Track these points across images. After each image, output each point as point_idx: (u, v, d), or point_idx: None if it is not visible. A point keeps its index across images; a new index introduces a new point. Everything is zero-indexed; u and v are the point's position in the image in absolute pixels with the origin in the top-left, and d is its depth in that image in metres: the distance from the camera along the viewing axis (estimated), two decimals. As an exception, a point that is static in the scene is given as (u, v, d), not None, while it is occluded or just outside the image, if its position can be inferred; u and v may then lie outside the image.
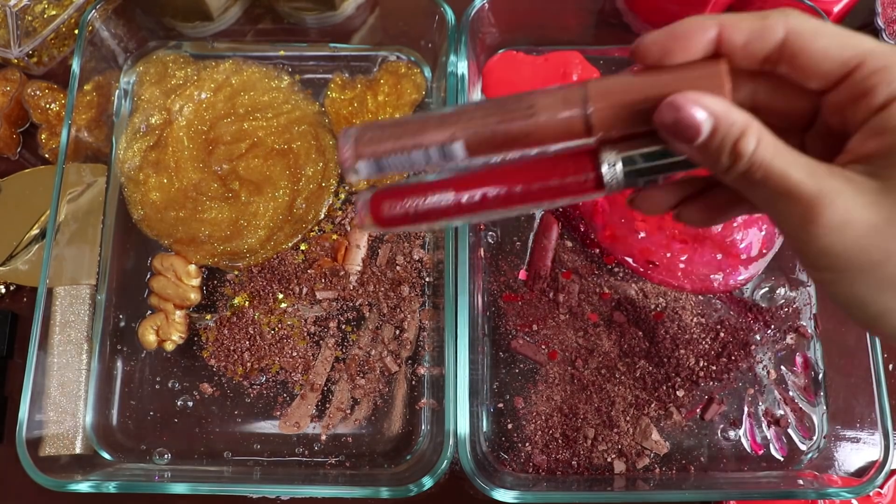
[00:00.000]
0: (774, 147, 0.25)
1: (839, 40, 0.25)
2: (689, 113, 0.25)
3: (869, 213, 0.24)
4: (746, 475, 0.50)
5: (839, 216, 0.24)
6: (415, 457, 0.50)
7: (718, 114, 0.25)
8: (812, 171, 0.25)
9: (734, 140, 0.25)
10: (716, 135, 0.25)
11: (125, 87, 0.59)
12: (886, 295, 0.24)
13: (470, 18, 0.54)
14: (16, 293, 0.56)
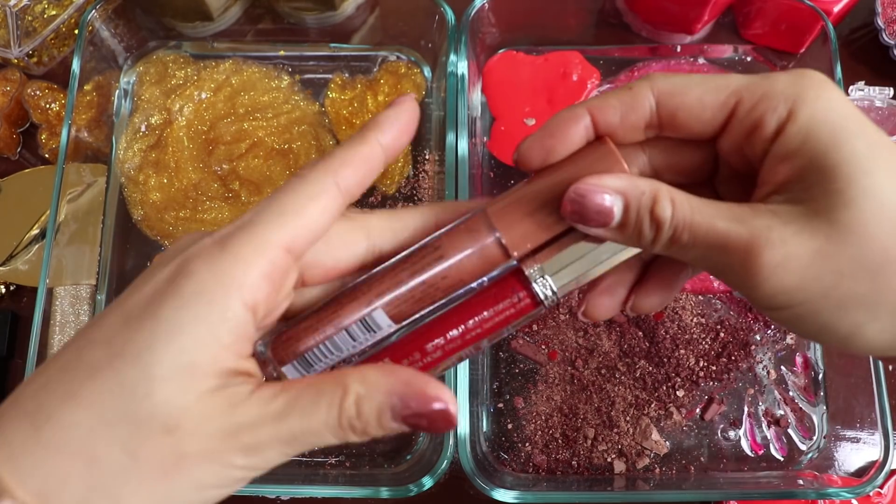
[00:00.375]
0: (690, 204, 0.24)
1: (710, 85, 0.25)
2: (594, 200, 0.24)
3: (805, 240, 0.23)
4: (746, 475, 0.50)
5: (779, 252, 0.23)
6: (415, 457, 0.50)
7: (624, 189, 0.25)
8: (736, 215, 0.24)
9: (649, 210, 0.24)
10: (629, 211, 0.25)
11: (125, 87, 0.59)
12: (851, 313, 0.24)
13: (470, 18, 0.54)
14: (16, 293, 0.56)
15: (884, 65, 0.60)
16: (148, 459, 0.22)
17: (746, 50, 0.60)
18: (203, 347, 0.22)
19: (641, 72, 0.58)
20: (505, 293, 0.27)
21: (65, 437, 0.22)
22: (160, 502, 0.23)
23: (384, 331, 0.26)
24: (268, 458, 0.23)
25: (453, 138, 0.52)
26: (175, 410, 0.22)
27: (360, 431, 0.24)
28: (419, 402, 0.23)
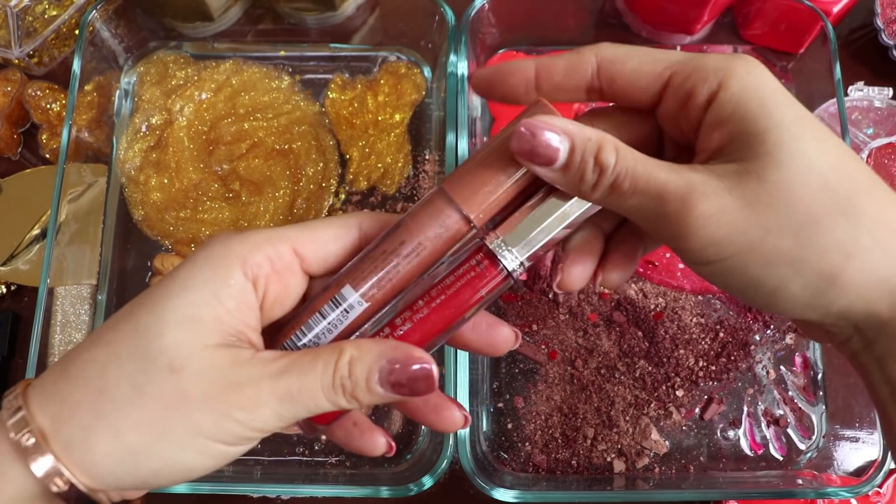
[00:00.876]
0: (633, 155, 0.26)
1: (649, 58, 0.27)
2: (542, 136, 0.25)
3: (737, 195, 0.24)
4: (746, 475, 0.50)
5: (713, 203, 0.24)
6: (415, 456, 0.50)
7: (572, 131, 0.26)
8: (675, 169, 0.25)
9: (594, 154, 0.25)
10: (574, 152, 0.26)
11: (126, 88, 0.59)
12: (776, 268, 0.25)
13: (470, 19, 0.54)
14: (17, 293, 0.56)
15: (883, 65, 0.60)
16: (152, 394, 0.24)
17: (746, 50, 0.60)
18: (207, 305, 0.25)
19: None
20: (472, 268, 0.28)
21: (82, 370, 0.25)
22: (157, 440, 0.25)
23: (356, 309, 0.27)
24: (264, 417, 0.25)
25: (453, 138, 0.52)
26: (182, 353, 0.24)
27: (349, 393, 0.26)
28: (403, 363, 0.26)
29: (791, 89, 0.59)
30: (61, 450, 0.25)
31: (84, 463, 0.25)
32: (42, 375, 0.27)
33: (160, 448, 0.25)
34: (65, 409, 0.25)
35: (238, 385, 0.25)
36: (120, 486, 0.26)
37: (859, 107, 0.58)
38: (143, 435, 0.25)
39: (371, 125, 0.58)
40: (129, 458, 0.25)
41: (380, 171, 0.57)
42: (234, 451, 0.26)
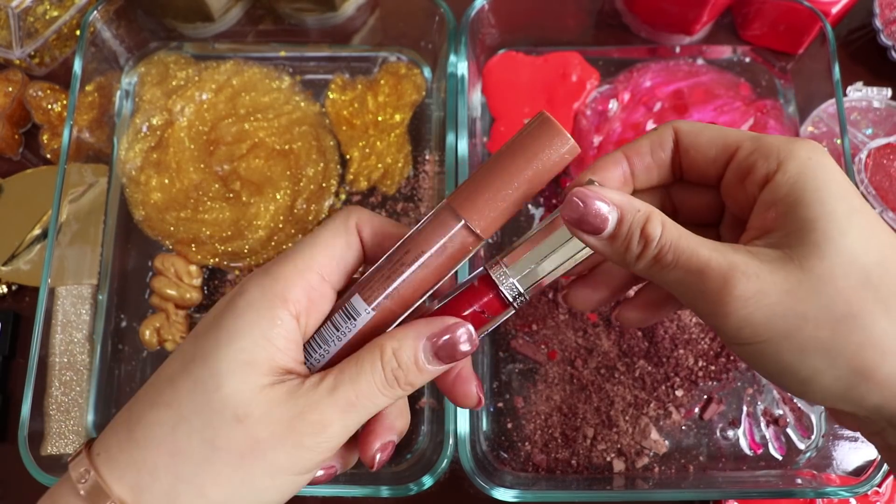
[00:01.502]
0: (679, 230, 0.26)
1: (721, 132, 0.29)
2: (593, 206, 0.26)
3: (778, 280, 0.25)
4: (745, 474, 0.50)
5: (752, 285, 0.25)
6: (415, 456, 0.50)
7: (621, 202, 0.27)
8: (718, 247, 0.26)
9: (641, 226, 0.26)
10: (622, 224, 0.26)
11: (126, 88, 0.60)
12: (811, 358, 0.25)
13: (470, 19, 0.54)
14: (18, 293, 0.56)
15: (882, 65, 0.60)
16: (224, 447, 0.25)
17: (745, 51, 0.60)
18: (259, 347, 0.26)
19: (640, 72, 0.58)
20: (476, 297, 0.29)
21: (151, 434, 0.26)
22: (239, 489, 0.25)
23: (363, 317, 0.28)
24: (333, 433, 0.26)
25: (453, 139, 0.52)
26: (243, 400, 0.25)
27: (404, 382, 0.27)
28: (442, 334, 0.27)
29: (790, 90, 0.59)
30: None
31: None
32: (103, 438, 0.27)
33: (244, 496, 0.26)
34: (143, 476, 0.25)
35: (301, 414, 0.26)
36: None
37: (858, 107, 0.58)
38: (225, 487, 0.25)
39: (371, 125, 0.58)
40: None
41: (380, 171, 0.57)
42: (308, 479, 0.27)
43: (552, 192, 0.56)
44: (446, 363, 0.27)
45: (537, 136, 0.27)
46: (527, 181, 0.27)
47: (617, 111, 0.57)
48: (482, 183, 0.27)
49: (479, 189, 0.27)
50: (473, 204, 0.27)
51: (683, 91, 0.56)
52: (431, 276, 0.28)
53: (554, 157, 0.27)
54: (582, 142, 0.56)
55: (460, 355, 0.27)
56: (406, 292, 0.28)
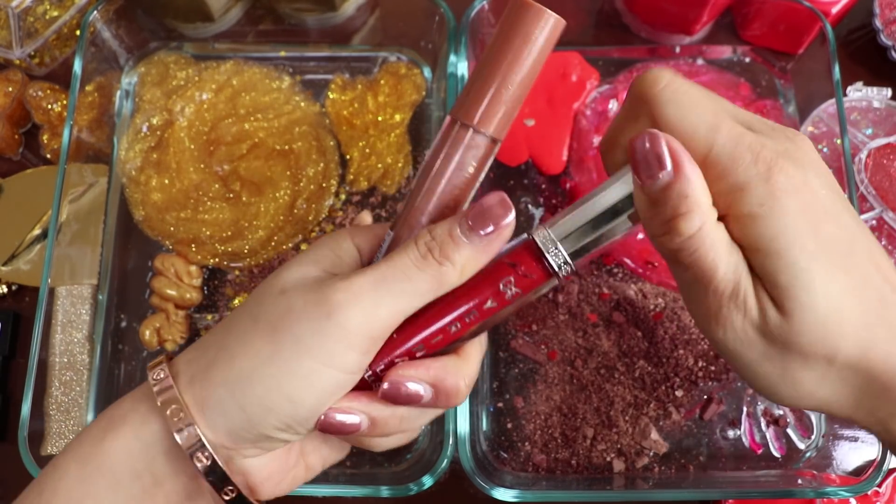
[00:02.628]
0: (711, 237, 0.26)
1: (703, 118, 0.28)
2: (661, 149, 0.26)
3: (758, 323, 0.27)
4: (745, 474, 0.50)
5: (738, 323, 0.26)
6: (415, 456, 0.50)
7: (684, 173, 0.26)
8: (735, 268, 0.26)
9: (678, 213, 0.25)
10: (671, 189, 0.25)
11: (126, 88, 0.60)
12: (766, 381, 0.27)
13: (470, 19, 0.54)
14: (18, 293, 0.56)
15: (882, 65, 0.60)
16: (263, 318, 0.27)
17: (745, 51, 0.60)
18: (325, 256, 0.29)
19: (640, 73, 0.58)
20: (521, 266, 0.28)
21: (222, 324, 0.29)
22: (265, 364, 0.26)
23: (386, 241, 0.29)
24: (363, 309, 0.26)
25: (453, 139, 0.52)
26: (292, 279, 0.27)
27: (437, 254, 0.26)
28: (477, 204, 0.27)
29: (790, 90, 0.59)
30: (185, 385, 0.27)
31: (202, 395, 0.26)
32: None
33: (267, 372, 0.26)
34: (198, 351, 0.28)
35: (333, 283, 0.26)
36: (231, 428, 0.26)
37: (858, 107, 0.58)
38: (252, 359, 0.26)
39: (371, 125, 0.58)
40: (238, 385, 0.26)
41: (380, 171, 0.57)
42: (336, 380, 0.26)
43: (552, 192, 0.57)
44: (483, 233, 0.26)
45: (515, 23, 0.26)
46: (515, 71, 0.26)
47: (617, 111, 0.57)
48: (475, 86, 0.26)
49: (472, 92, 0.26)
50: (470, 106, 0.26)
51: (683, 91, 0.56)
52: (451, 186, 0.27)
53: (540, 40, 0.25)
54: (582, 142, 0.56)
55: (496, 224, 0.26)
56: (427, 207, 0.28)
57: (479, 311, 0.27)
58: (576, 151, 0.57)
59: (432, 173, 0.27)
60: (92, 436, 0.27)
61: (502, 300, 0.27)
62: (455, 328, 0.28)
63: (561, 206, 0.56)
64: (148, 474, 0.26)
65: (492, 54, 0.26)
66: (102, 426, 0.27)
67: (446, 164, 0.27)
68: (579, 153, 0.56)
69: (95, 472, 0.26)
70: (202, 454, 0.26)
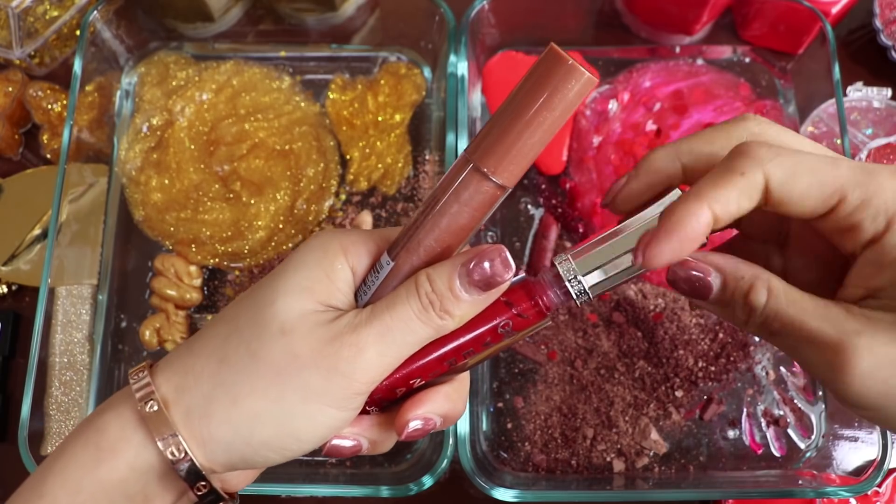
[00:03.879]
0: (787, 296, 0.25)
1: (818, 178, 0.25)
2: (695, 275, 0.26)
3: (892, 352, 0.24)
4: (745, 474, 0.50)
5: (867, 362, 0.24)
6: (415, 456, 0.50)
7: (726, 270, 0.26)
8: (829, 315, 0.25)
9: (744, 294, 0.26)
10: (726, 290, 0.26)
11: (126, 88, 0.60)
12: None
13: (470, 19, 0.54)
14: (18, 293, 0.56)
15: (882, 65, 0.60)
16: (265, 358, 0.26)
17: (745, 51, 0.60)
18: (320, 282, 0.28)
19: (640, 72, 0.58)
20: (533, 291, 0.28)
21: (206, 344, 0.28)
22: (270, 405, 0.26)
23: (384, 269, 0.28)
24: (368, 359, 0.26)
25: (453, 139, 0.52)
26: (291, 317, 0.27)
27: (439, 308, 0.27)
28: (477, 260, 0.27)
29: (790, 90, 0.59)
30: (181, 417, 0.27)
31: (201, 431, 0.26)
32: (169, 353, 0.29)
33: (274, 414, 0.26)
34: (188, 379, 0.27)
35: (339, 335, 0.26)
36: (231, 460, 0.27)
37: (858, 107, 0.58)
38: (258, 401, 0.26)
39: (371, 126, 0.58)
40: (244, 425, 0.26)
41: (380, 171, 0.57)
42: (341, 418, 0.27)
43: (552, 192, 0.56)
44: (482, 290, 0.27)
45: (547, 76, 0.25)
46: (539, 125, 0.25)
47: (616, 111, 0.57)
48: (496, 131, 0.26)
49: (492, 137, 0.26)
50: (487, 151, 0.26)
51: (683, 91, 0.56)
52: (455, 225, 0.27)
53: (569, 96, 0.25)
54: (582, 142, 0.56)
55: (494, 281, 0.27)
56: (429, 243, 0.27)
57: (476, 348, 0.29)
58: (575, 151, 0.57)
59: (437, 209, 0.27)
60: (81, 464, 0.27)
61: (498, 338, 0.29)
62: (452, 363, 0.29)
63: (561, 206, 0.56)
64: (141, 496, 0.27)
65: (519, 103, 0.25)
66: (92, 455, 0.27)
67: (454, 203, 0.27)
68: (579, 153, 0.56)
69: (90, 500, 0.27)
70: (201, 483, 0.27)
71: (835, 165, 0.25)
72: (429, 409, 0.29)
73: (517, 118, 0.25)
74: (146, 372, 0.28)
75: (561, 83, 0.25)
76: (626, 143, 0.55)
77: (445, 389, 0.29)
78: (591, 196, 0.55)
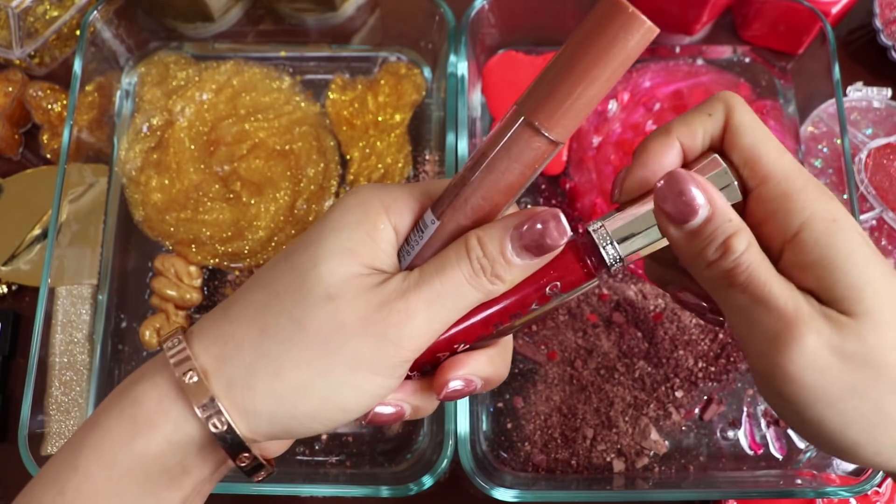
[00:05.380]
0: (761, 255, 0.25)
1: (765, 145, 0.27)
2: (690, 192, 0.25)
3: (836, 343, 0.24)
4: (745, 474, 0.50)
5: (814, 343, 0.24)
6: (415, 456, 0.50)
7: (717, 202, 0.25)
8: (791, 287, 0.25)
9: (727, 235, 0.25)
10: (709, 224, 0.25)
11: (127, 88, 0.60)
12: (852, 432, 0.25)
13: (470, 19, 0.54)
14: (18, 293, 0.56)
15: (882, 65, 0.60)
16: (311, 327, 0.25)
17: (745, 51, 0.60)
18: (362, 243, 0.26)
19: (640, 72, 0.58)
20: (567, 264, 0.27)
21: (244, 310, 0.26)
22: (316, 377, 0.25)
23: (429, 228, 0.27)
24: (417, 325, 0.25)
25: (453, 139, 0.52)
26: (336, 281, 0.25)
27: (490, 273, 0.26)
28: (529, 222, 0.25)
29: (790, 90, 0.59)
30: (223, 389, 0.25)
31: (244, 403, 0.25)
32: (202, 319, 0.27)
33: (320, 385, 0.25)
34: (228, 348, 0.26)
35: (388, 302, 0.25)
36: (274, 431, 0.26)
37: (858, 107, 0.58)
38: (303, 372, 0.25)
39: (371, 126, 0.58)
40: (289, 398, 0.25)
41: (380, 171, 0.57)
42: (388, 385, 0.26)
43: (552, 192, 0.56)
44: (535, 255, 0.26)
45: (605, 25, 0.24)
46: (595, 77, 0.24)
47: (616, 112, 0.57)
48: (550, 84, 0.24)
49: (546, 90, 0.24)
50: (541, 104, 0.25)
51: (683, 91, 0.56)
52: (504, 182, 0.26)
53: (628, 46, 0.24)
54: (581, 142, 0.56)
55: (548, 245, 0.26)
56: (477, 201, 0.26)
57: (523, 310, 0.28)
58: (575, 151, 0.57)
59: (486, 165, 0.25)
60: (116, 437, 0.26)
61: (546, 300, 0.28)
62: (498, 326, 0.28)
63: (560, 206, 0.56)
64: (178, 467, 0.26)
65: (575, 53, 0.24)
66: (128, 428, 0.26)
67: (503, 159, 0.25)
68: (579, 153, 0.56)
69: (126, 474, 0.26)
70: (244, 455, 0.26)
71: (783, 153, 0.27)
72: (470, 371, 0.28)
73: (572, 70, 0.24)
74: (182, 339, 0.26)
75: (621, 33, 0.23)
76: (626, 144, 0.55)
77: (489, 352, 0.29)
78: (591, 196, 0.55)
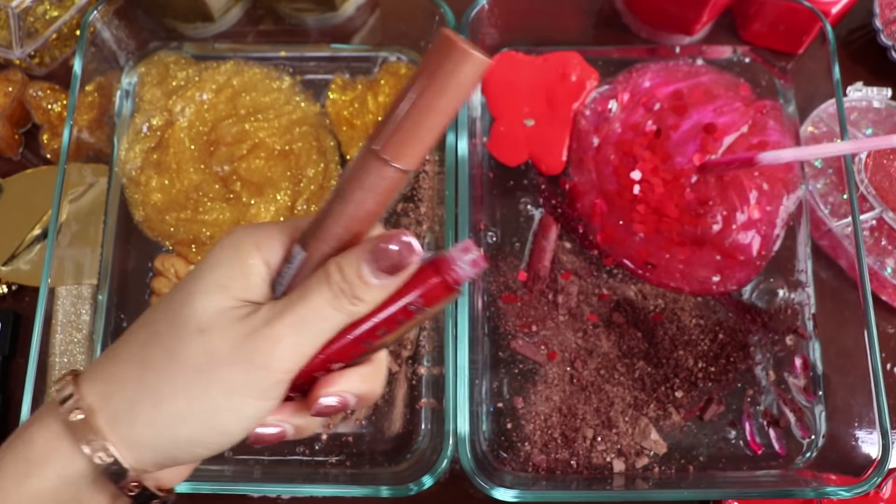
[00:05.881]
0: None
1: None
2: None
3: None
4: (745, 474, 0.50)
5: None
6: (415, 456, 0.50)
7: None
8: None
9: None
10: None
11: (126, 88, 0.60)
12: None
13: (470, 19, 0.54)
14: (18, 293, 0.56)
15: (882, 65, 0.60)
16: (184, 358, 0.27)
17: (745, 51, 0.60)
18: (234, 279, 0.28)
19: (640, 72, 0.58)
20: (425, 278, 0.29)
21: (128, 349, 0.28)
22: (193, 403, 0.27)
23: (297, 259, 0.29)
24: (284, 350, 0.27)
25: (453, 139, 0.52)
26: (207, 315, 0.27)
27: (350, 294, 0.27)
28: (383, 246, 0.27)
29: (790, 90, 0.59)
30: (108, 424, 0.27)
31: (129, 435, 0.27)
32: (93, 361, 0.29)
33: (197, 411, 0.27)
34: (112, 385, 0.28)
35: (255, 330, 0.27)
36: (159, 459, 0.28)
37: (858, 107, 0.58)
38: (180, 401, 0.27)
39: (371, 126, 0.58)
40: (169, 426, 0.27)
41: (380, 171, 0.57)
42: (264, 407, 0.28)
43: (552, 192, 0.56)
44: (390, 273, 0.28)
45: (439, 61, 0.25)
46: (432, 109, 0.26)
47: (616, 112, 0.57)
48: (393, 119, 0.27)
49: (389, 124, 0.27)
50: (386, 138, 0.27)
51: (683, 91, 0.56)
52: (361, 211, 0.28)
53: (461, 79, 0.25)
54: (581, 142, 0.56)
55: (402, 265, 0.28)
56: (338, 231, 0.28)
57: (391, 327, 0.29)
58: (575, 152, 0.57)
59: (343, 197, 0.28)
60: (10, 477, 0.27)
61: (410, 315, 0.29)
62: (369, 344, 0.30)
63: (560, 206, 0.56)
64: (73, 501, 0.28)
65: (415, 88, 0.26)
66: (21, 469, 0.27)
67: (357, 190, 0.28)
68: (579, 153, 0.56)
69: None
70: (132, 484, 0.28)
71: None
72: (341, 388, 0.30)
73: (415, 104, 0.26)
74: (70, 382, 0.28)
75: (455, 66, 0.25)
76: (626, 144, 0.55)
77: (361, 370, 0.30)
78: (591, 196, 0.55)
